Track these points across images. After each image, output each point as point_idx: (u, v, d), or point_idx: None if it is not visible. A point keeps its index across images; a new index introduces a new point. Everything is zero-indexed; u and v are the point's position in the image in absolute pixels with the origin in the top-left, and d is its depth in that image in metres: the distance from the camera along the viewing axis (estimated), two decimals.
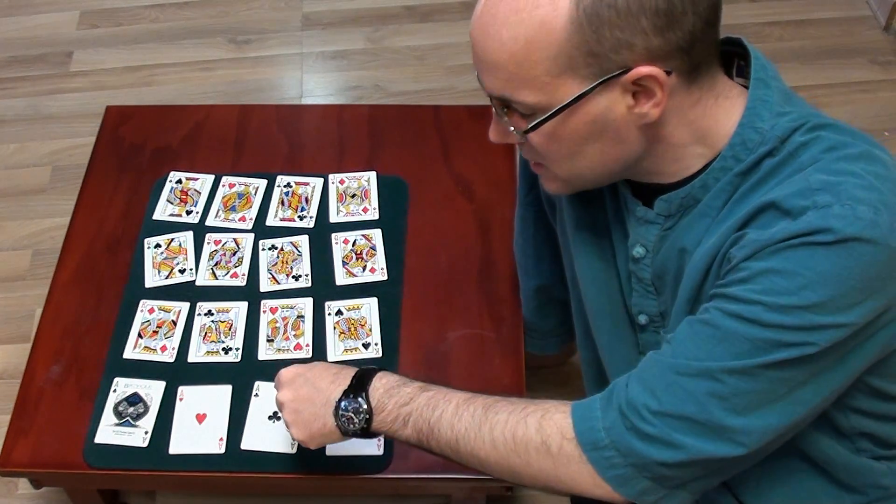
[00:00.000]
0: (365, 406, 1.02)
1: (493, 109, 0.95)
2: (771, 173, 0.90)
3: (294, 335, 1.36)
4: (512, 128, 0.92)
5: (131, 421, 1.29)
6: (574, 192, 1.03)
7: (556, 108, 0.87)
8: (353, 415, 1.03)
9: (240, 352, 1.35)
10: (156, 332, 1.37)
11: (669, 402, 0.88)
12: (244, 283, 1.43)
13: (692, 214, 0.96)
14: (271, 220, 1.50)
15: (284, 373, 1.11)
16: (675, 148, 0.93)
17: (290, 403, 1.08)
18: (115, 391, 1.31)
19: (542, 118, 0.89)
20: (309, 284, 1.42)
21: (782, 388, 0.86)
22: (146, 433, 1.27)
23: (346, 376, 1.06)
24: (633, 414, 0.89)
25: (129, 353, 1.35)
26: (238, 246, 1.47)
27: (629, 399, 0.90)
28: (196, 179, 1.56)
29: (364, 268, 1.44)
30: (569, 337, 1.43)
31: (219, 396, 1.30)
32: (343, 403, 1.03)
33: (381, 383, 1.03)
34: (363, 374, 1.05)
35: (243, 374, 1.32)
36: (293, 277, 1.43)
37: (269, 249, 1.47)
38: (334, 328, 1.37)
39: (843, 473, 1.01)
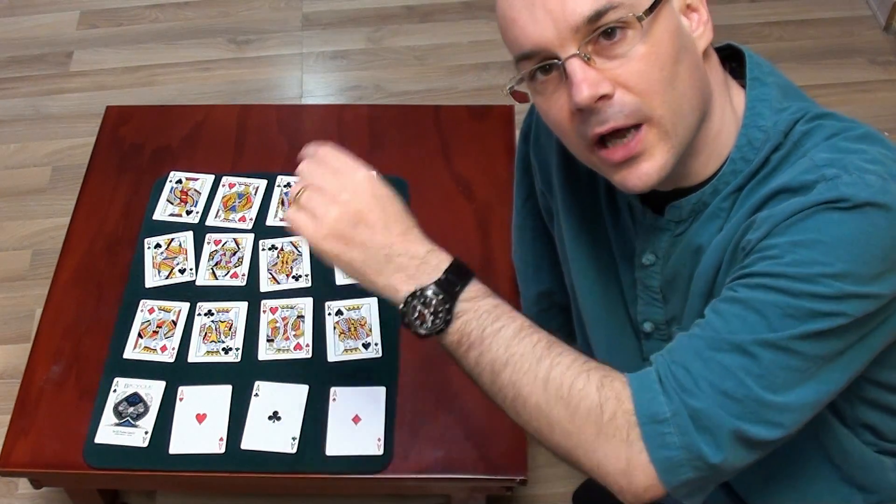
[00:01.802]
0: (443, 321, 0.89)
1: (578, 62, 0.86)
2: (778, 165, 0.90)
3: (294, 335, 1.36)
4: (632, 22, 0.84)
5: (131, 421, 1.29)
6: (674, 161, 0.91)
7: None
8: (427, 314, 0.90)
9: (240, 352, 1.35)
10: (156, 332, 1.37)
11: (707, 378, 0.83)
12: (244, 283, 1.43)
13: (703, 217, 0.95)
14: (271, 220, 1.51)
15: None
16: (714, 125, 0.92)
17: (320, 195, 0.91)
18: (115, 391, 1.31)
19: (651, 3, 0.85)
20: (309, 284, 1.42)
21: (815, 365, 0.83)
22: (146, 433, 1.27)
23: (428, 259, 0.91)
24: (682, 390, 0.84)
25: (129, 353, 1.35)
26: (238, 246, 1.47)
27: (673, 374, 0.85)
28: (196, 179, 1.56)
29: None
30: (572, 339, 1.43)
31: (219, 396, 1.30)
32: (430, 292, 0.90)
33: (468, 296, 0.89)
34: (456, 275, 0.90)
35: (243, 374, 1.33)
36: (293, 277, 1.43)
37: (269, 249, 1.47)
38: (334, 328, 1.37)
39: (857, 469, 1.01)
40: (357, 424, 1.27)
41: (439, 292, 0.89)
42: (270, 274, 1.44)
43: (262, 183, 1.55)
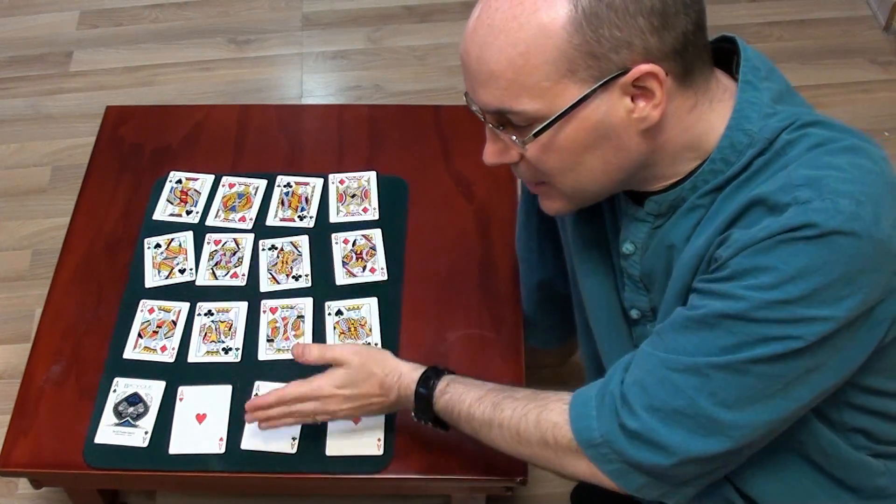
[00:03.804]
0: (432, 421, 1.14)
1: (488, 130, 0.95)
2: (759, 171, 0.90)
3: (294, 335, 1.36)
4: (513, 136, 0.91)
5: (131, 421, 1.29)
6: (575, 209, 1.02)
7: (556, 114, 0.87)
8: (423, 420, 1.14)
9: (240, 352, 1.35)
10: (156, 332, 1.37)
11: (659, 397, 0.90)
12: (244, 283, 1.43)
13: (680, 212, 0.97)
14: (271, 220, 1.51)
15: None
16: (673, 155, 0.93)
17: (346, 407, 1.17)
18: (115, 391, 1.31)
19: (542, 126, 0.88)
20: (309, 284, 1.42)
21: (774, 385, 0.86)
22: (146, 433, 1.27)
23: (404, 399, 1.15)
24: (625, 410, 0.91)
25: (129, 353, 1.35)
26: (238, 246, 1.47)
27: (622, 394, 0.92)
28: (196, 179, 1.56)
29: (364, 268, 1.44)
30: (570, 332, 1.44)
31: (219, 396, 1.30)
32: (414, 413, 1.15)
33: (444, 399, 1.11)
34: (423, 391, 1.12)
35: (243, 374, 1.32)
36: (293, 277, 1.43)
37: (269, 249, 1.47)
38: (334, 328, 1.37)
39: (839, 469, 1.01)
40: (357, 424, 1.27)
41: (417, 411, 1.14)
42: (270, 274, 1.43)
43: (262, 183, 1.55)
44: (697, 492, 0.96)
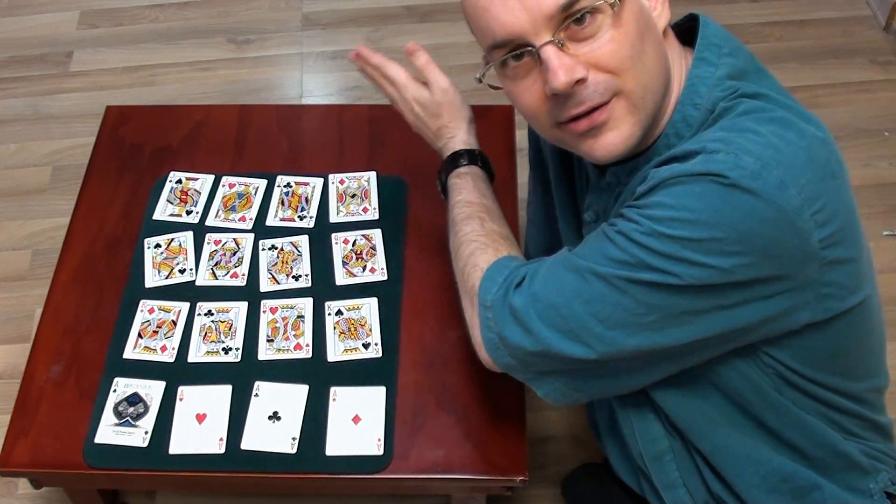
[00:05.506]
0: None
1: (553, 49, 0.90)
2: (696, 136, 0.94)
3: (294, 335, 1.36)
4: (599, 12, 0.89)
5: (131, 421, 1.29)
6: (639, 133, 0.96)
7: None
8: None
9: (240, 352, 1.35)
10: (156, 332, 1.37)
11: (544, 289, 0.95)
12: (244, 283, 1.43)
13: (634, 180, 1.00)
14: (271, 220, 1.51)
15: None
16: (668, 98, 0.97)
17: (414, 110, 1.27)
18: (115, 391, 1.31)
19: None
20: (309, 284, 1.42)
21: (648, 314, 0.89)
22: (146, 433, 1.27)
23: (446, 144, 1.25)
24: (517, 289, 0.98)
25: (129, 353, 1.35)
26: (238, 246, 1.47)
27: (523, 275, 0.98)
28: (196, 179, 1.56)
29: (364, 268, 1.44)
30: None
31: (219, 396, 1.30)
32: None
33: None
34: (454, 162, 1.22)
35: (243, 374, 1.33)
36: (293, 277, 1.43)
37: (269, 249, 1.47)
38: (334, 328, 1.37)
39: (792, 431, 1.03)
40: (357, 424, 1.27)
41: (441, 171, 1.25)
42: (270, 274, 1.44)
43: (262, 183, 1.55)
44: (561, 394, 1.02)
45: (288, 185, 1.55)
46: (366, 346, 1.35)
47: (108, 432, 1.28)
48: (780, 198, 0.83)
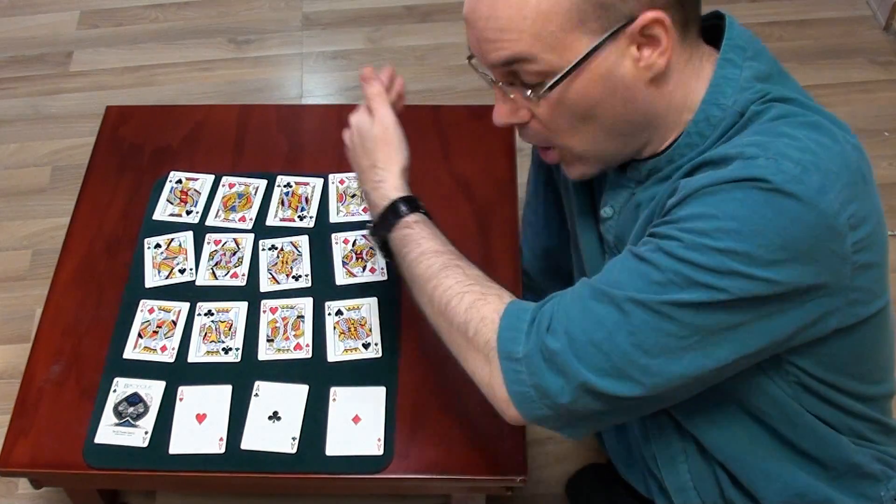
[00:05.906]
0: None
1: (497, 90, 0.95)
2: (724, 138, 0.93)
3: (294, 335, 1.36)
4: (528, 91, 0.91)
5: (131, 421, 1.29)
6: (598, 171, 1.00)
7: (568, 66, 0.88)
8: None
9: (240, 352, 1.35)
10: (156, 332, 1.37)
11: (579, 327, 0.88)
12: (244, 283, 1.43)
13: (654, 179, 0.99)
14: (271, 220, 1.51)
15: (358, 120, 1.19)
16: (673, 112, 0.95)
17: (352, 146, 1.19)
18: (115, 391, 1.31)
19: (555, 79, 0.88)
20: (309, 284, 1.42)
21: (693, 336, 0.85)
22: (146, 433, 1.27)
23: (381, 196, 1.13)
24: (549, 332, 0.90)
25: (129, 353, 1.35)
26: (238, 246, 1.47)
27: (551, 316, 0.91)
28: (196, 179, 1.56)
29: (364, 268, 1.44)
30: None
31: (219, 396, 1.30)
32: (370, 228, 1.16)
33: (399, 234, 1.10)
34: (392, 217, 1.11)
35: (243, 374, 1.32)
36: (293, 277, 1.43)
37: (269, 249, 1.47)
38: (334, 328, 1.37)
39: (807, 441, 1.02)
40: (357, 424, 1.27)
41: (376, 227, 1.13)
42: (270, 274, 1.44)
43: (262, 183, 1.55)
44: (587, 431, 0.97)
45: (288, 185, 1.55)
46: (366, 346, 1.35)
47: (108, 432, 1.28)
48: (822, 202, 0.82)
